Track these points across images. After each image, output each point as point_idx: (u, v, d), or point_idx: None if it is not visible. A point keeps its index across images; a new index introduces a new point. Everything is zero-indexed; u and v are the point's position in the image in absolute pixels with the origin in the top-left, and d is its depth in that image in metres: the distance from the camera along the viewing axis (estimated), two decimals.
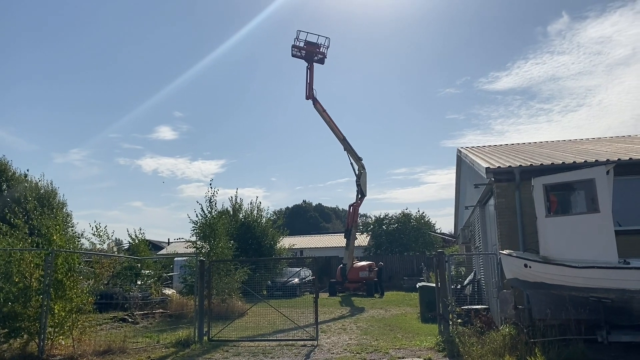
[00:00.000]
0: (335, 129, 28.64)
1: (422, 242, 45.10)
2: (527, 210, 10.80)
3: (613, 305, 8.57)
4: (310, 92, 28.04)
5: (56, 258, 10.18)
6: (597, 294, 8.54)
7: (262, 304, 16.42)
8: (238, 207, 31.27)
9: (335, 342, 12.12)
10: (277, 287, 26.11)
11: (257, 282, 21.59)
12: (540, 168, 10.92)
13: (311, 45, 28.35)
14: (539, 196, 9.56)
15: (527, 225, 10.89)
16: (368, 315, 18.53)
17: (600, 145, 15.51)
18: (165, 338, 12.60)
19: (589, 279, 8.52)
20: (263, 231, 30.82)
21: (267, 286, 26.34)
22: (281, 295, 24.35)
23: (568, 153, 13.69)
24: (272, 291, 25.29)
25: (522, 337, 8.96)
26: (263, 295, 21.58)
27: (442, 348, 10.34)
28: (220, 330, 12.80)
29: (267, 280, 26.91)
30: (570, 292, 8.80)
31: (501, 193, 11.47)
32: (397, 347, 11.01)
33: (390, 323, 15.91)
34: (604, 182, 8.90)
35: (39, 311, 9.78)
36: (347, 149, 28.87)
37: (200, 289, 12.66)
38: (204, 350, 11.31)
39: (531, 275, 9.28)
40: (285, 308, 15.57)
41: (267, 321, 15.61)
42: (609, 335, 8.65)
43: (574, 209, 9.75)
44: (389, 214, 48.24)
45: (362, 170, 29.41)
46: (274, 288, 25.96)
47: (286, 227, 33.76)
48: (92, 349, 10.24)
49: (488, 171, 11.34)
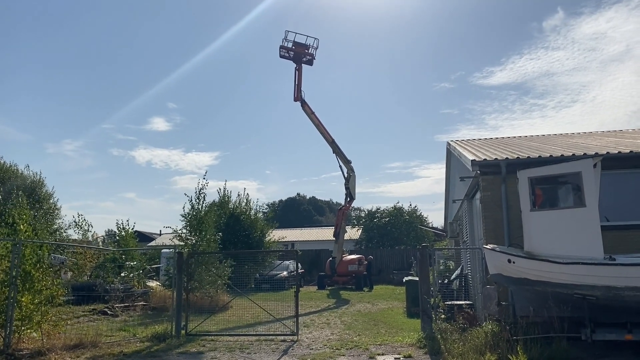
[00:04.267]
0: (324, 132, 28.31)
1: (413, 236, 44.96)
2: (513, 204, 10.51)
3: (598, 302, 8.31)
4: (298, 94, 27.60)
5: (24, 249, 9.78)
6: (581, 291, 8.28)
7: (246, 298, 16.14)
8: (227, 199, 30.91)
9: (316, 337, 11.84)
10: (264, 280, 25.89)
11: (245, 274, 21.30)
12: (527, 161, 10.63)
13: (300, 46, 27.93)
14: (524, 189, 9.26)
15: (513, 219, 10.62)
16: (354, 310, 18.29)
17: (591, 140, 15.24)
18: (142, 332, 12.29)
19: (573, 276, 8.26)
20: (252, 223, 30.49)
21: (255, 279, 26.09)
22: (269, 288, 24.12)
23: (557, 146, 13.42)
24: (259, 284, 25.07)
25: (505, 335, 8.70)
26: (251, 289, 21.37)
27: (423, 345, 10.06)
28: (199, 324, 12.48)
29: (255, 273, 26.65)
30: (555, 289, 8.54)
31: (487, 186, 11.18)
32: (378, 343, 10.73)
33: (375, 318, 15.66)
34: (591, 175, 8.61)
35: (5, 303, 9.41)
36: (336, 152, 28.60)
37: (179, 281, 12.33)
38: (179, 344, 10.99)
39: (515, 271, 9.01)
40: (272, 301, 15.29)
41: (251, 315, 15.30)
42: (593, 334, 8.38)
43: (560, 203, 9.47)
44: (380, 208, 48.05)
45: (351, 173, 29.18)
46: (262, 281, 25.72)
47: (277, 220, 33.49)
48: (62, 343, 9.89)
49: (474, 163, 11.04)
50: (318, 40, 28.23)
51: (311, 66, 28.56)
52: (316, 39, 28.26)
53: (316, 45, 28.28)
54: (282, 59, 28.28)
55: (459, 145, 16.30)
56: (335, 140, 28.51)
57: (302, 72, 28.07)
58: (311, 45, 28.18)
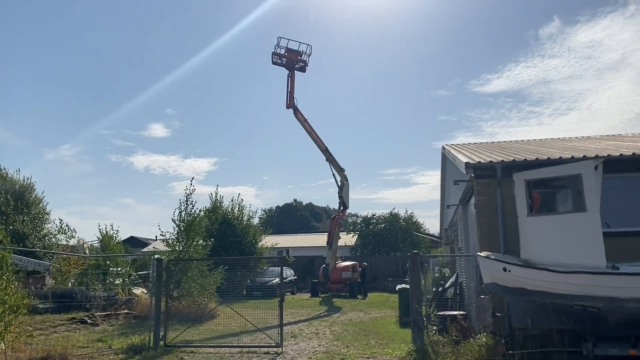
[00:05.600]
0: (317, 139, 27.86)
1: (409, 242, 44.24)
2: (509, 209, 9.90)
3: (600, 314, 7.73)
4: (291, 101, 27.13)
5: None
6: (582, 302, 7.69)
7: (236, 305, 15.55)
8: (219, 204, 30.36)
9: (302, 349, 11.22)
10: (256, 287, 25.31)
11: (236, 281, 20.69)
12: (523, 163, 10.05)
13: (292, 52, 27.51)
14: (520, 193, 8.67)
15: (509, 225, 10.01)
16: (346, 318, 17.69)
17: (590, 143, 14.71)
18: (119, 343, 11.66)
19: (574, 285, 7.68)
20: (244, 229, 29.93)
21: (247, 286, 25.50)
22: (261, 295, 23.50)
23: (555, 149, 12.87)
24: (251, 291, 24.49)
25: (500, 349, 8.15)
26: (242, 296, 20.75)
27: (413, 358, 9.46)
28: (179, 334, 11.87)
29: (247, 280, 26.05)
30: (554, 300, 7.95)
31: (482, 190, 10.58)
32: (366, 356, 10.14)
33: (366, 327, 15.07)
34: (592, 178, 8.04)
35: None
36: (329, 160, 28.17)
37: (157, 289, 11.73)
38: (155, 356, 10.38)
39: (511, 280, 8.41)
40: (262, 309, 14.65)
41: (238, 324, 14.66)
42: (595, 348, 7.81)
43: (559, 207, 8.90)
44: (376, 214, 47.39)
45: (345, 181, 28.72)
46: (254, 288, 25.14)
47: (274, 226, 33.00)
48: (27, 355, 9.26)
49: (467, 166, 10.44)
50: (311, 46, 27.86)
51: (304, 73, 28.20)
52: (309, 46, 27.88)
53: (309, 51, 27.89)
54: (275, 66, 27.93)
55: (454, 148, 15.77)
56: (328, 149, 28.10)
57: (295, 78, 27.72)
58: (304, 52, 27.79)
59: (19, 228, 26.62)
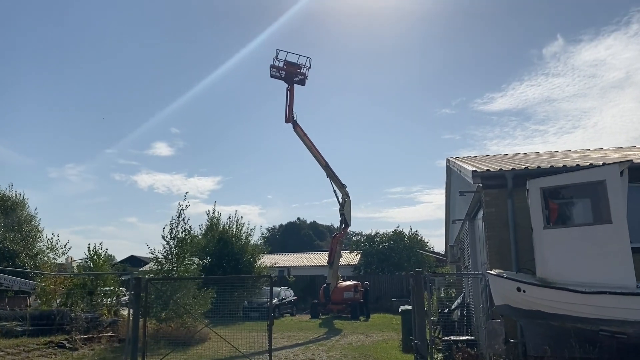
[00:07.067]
0: (317, 155, 27.23)
1: (414, 261, 43.07)
2: (522, 222, 8.98)
3: (629, 341, 6.75)
4: (290, 115, 26.63)
5: None
6: (609, 327, 6.76)
7: (231, 327, 14.60)
8: (215, 222, 29.48)
9: None
10: (253, 308, 24.30)
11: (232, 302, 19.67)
12: (537, 172, 9.11)
13: (291, 65, 27.03)
14: (535, 203, 7.72)
15: (521, 240, 9.06)
16: (345, 342, 16.60)
17: (604, 153, 13.76)
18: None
19: (599, 308, 6.75)
20: (242, 248, 28.99)
21: (244, 307, 24.47)
22: (258, 317, 22.43)
23: (568, 159, 11.92)
24: (248, 312, 23.47)
25: None
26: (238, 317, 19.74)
27: None
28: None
29: (244, 301, 25.01)
30: (575, 324, 7.00)
31: (490, 202, 9.63)
32: None
33: (366, 352, 13.98)
34: (618, 184, 7.09)
35: None
36: (330, 176, 27.46)
37: (135, 312, 10.78)
38: None
39: (526, 302, 7.44)
40: (257, 332, 13.66)
41: (228, 349, 13.61)
42: None
43: (580, 218, 7.95)
44: (380, 232, 46.25)
45: (347, 198, 27.91)
46: (250, 309, 24.11)
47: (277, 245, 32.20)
48: None
49: (475, 175, 9.50)
50: (310, 59, 27.31)
51: (304, 86, 27.54)
52: (308, 58, 27.32)
53: (309, 64, 27.33)
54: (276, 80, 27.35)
55: (459, 160, 14.84)
56: (329, 164, 27.31)
57: (295, 92, 27.07)
58: (303, 65, 27.27)
59: (9, 246, 25.86)
